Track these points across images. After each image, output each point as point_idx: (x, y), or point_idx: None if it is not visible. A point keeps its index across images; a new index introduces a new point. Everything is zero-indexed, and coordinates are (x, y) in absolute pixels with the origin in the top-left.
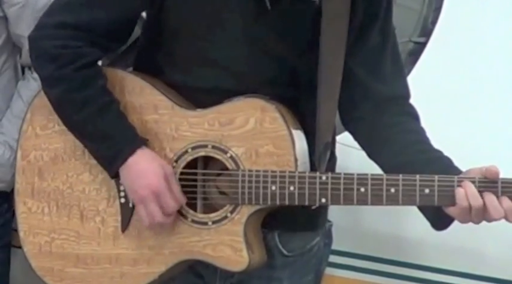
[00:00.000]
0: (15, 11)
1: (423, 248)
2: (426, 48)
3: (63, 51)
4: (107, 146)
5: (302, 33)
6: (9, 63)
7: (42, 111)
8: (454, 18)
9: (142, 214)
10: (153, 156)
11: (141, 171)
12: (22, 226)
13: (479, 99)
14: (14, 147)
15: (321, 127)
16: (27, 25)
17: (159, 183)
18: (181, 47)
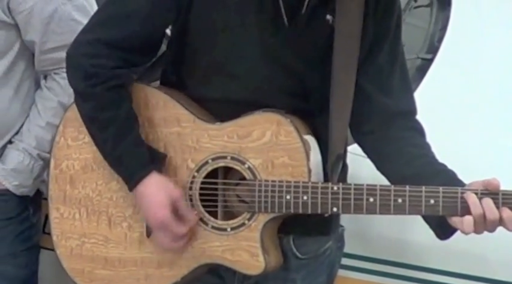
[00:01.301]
0: (24, 17)
1: (428, 251)
2: (433, 64)
3: (98, 70)
4: (120, 169)
5: (316, 49)
6: (29, 72)
7: (73, 123)
8: (459, 36)
9: (156, 236)
10: (160, 184)
11: (148, 203)
12: (55, 230)
13: (483, 114)
14: (32, 154)
15: (334, 139)
16: (36, 31)
17: (164, 216)
18: (202, 61)
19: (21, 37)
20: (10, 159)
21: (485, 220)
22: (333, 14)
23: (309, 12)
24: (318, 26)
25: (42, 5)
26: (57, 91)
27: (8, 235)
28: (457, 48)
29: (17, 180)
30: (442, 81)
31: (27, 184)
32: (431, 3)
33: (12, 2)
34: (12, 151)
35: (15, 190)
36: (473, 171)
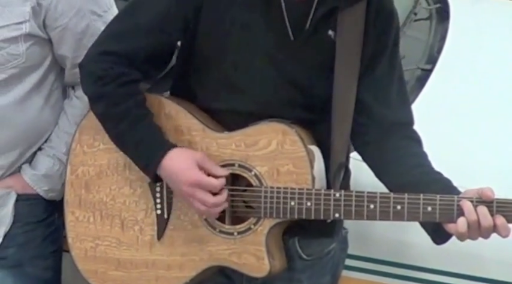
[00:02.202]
0: (57, 33)
1: (429, 252)
2: (432, 75)
3: (107, 72)
4: (141, 153)
5: (319, 62)
6: (58, 83)
7: (89, 131)
8: (457, 47)
9: (196, 206)
10: (182, 153)
11: (176, 171)
12: (70, 233)
13: (481, 122)
14: (62, 159)
15: (335, 149)
16: (68, 46)
17: (195, 175)
18: (211, 73)
19: (53, 51)
20: (41, 164)
21: (479, 226)
22: (334, 29)
23: (313, 27)
24: (320, 40)
25: (76, 22)
26: (85, 100)
27: (36, 237)
28: (455, 59)
29: (47, 185)
30: (441, 91)
31: (56, 189)
32: (431, 16)
33: (48, 19)
34: (43, 157)
35: (45, 195)
36: (470, 178)
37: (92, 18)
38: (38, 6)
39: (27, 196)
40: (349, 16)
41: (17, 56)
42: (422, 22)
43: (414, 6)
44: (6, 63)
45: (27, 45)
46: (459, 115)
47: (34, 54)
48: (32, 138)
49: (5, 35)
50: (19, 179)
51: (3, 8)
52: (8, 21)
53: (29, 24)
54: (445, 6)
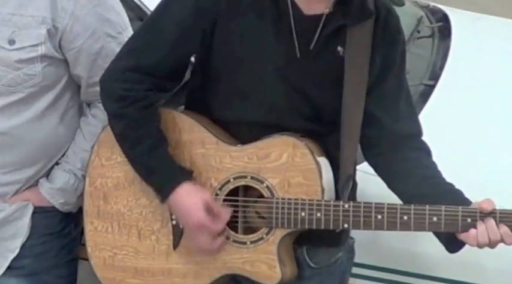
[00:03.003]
0: (73, 54)
1: (435, 261)
2: (435, 90)
3: (129, 93)
4: (154, 181)
5: (328, 77)
6: (74, 101)
7: (107, 144)
8: (459, 64)
9: (195, 244)
10: (192, 190)
11: (186, 206)
12: (89, 242)
13: (482, 135)
14: (77, 174)
15: (344, 161)
16: (83, 67)
17: (200, 217)
18: (223, 85)
19: (69, 71)
20: (57, 179)
21: (489, 240)
22: (343, 45)
23: (321, 43)
24: (329, 56)
25: (90, 43)
26: (101, 117)
27: (53, 248)
28: (457, 75)
29: (62, 198)
30: (444, 106)
31: (72, 202)
32: (433, 34)
33: (63, 41)
34: (59, 172)
35: (60, 208)
36: (472, 188)
37: (106, 40)
38: (53, 29)
39: (43, 208)
40: (357, 33)
41: (34, 76)
42: (425, 40)
43: (417, 25)
44: (24, 83)
45: (43, 65)
46: (461, 128)
47: (50, 74)
48: (48, 154)
49: (22, 56)
50: (36, 192)
51: (19, 30)
52: (25, 43)
53: (44, 46)
54: (446, 24)
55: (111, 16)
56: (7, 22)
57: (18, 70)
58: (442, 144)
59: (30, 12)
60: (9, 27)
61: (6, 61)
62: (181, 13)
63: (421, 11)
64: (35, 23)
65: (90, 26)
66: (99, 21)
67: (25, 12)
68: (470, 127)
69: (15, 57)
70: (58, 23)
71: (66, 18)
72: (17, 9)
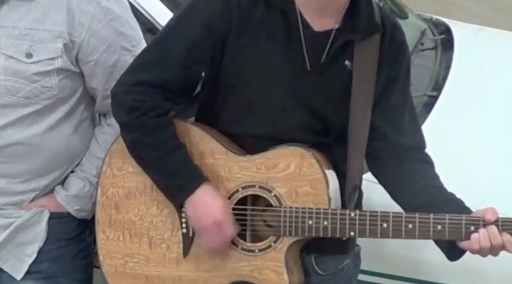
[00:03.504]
0: (89, 67)
1: (438, 268)
2: (438, 101)
3: (141, 104)
4: (175, 181)
5: (336, 90)
6: (88, 111)
7: (118, 155)
8: (461, 75)
9: (204, 240)
10: (213, 192)
11: (206, 204)
12: (101, 250)
13: (483, 144)
14: (92, 182)
15: (351, 171)
16: (99, 79)
17: (222, 216)
18: (234, 99)
19: (84, 83)
20: (72, 186)
21: (491, 246)
22: (351, 59)
23: (330, 58)
24: (337, 70)
25: (106, 56)
26: (116, 127)
27: (69, 253)
28: (459, 86)
29: (78, 205)
30: (447, 116)
31: (87, 208)
32: (436, 47)
33: (80, 54)
34: (74, 179)
35: (76, 214)
36: (475, 197)
37: (121, 53)
38: (70, 43)
39: (59, 214)
40: (364, 47)
41: (50, 88)
42: (428, 52)
43: (421, 37)
44: (40, 95)
45: (60, 78)
46: (464, 138)
47: (66, 86)
48: (63, 163)
49: (39, 69)
50: (52, 199)
51: (36, 44)
52: (42, 57)
53: (61, 60)
54: (449, 36)
55: (126, 30)
56: (25, 36)
57: (35, 82)
58: (445, 153)
59: (47, 26)
60: (26, 41)
61: (23, 74)
62: (192, 29)
63: (425, 23)
64: (52, 37)
65: (106, 39)
66: (114, 34)
67: (42, 27)
68: (472, 137)
69: (33, 70)
70: (75, 37)
71: (83, 32)
72: (34, 23)
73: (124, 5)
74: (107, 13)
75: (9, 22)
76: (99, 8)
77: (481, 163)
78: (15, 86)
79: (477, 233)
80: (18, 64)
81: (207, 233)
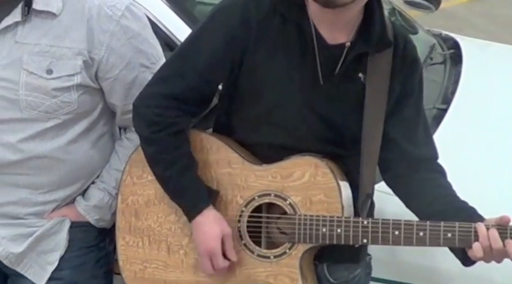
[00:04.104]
0: (109, 84)
1: (448, 276)
2: (447, 113)
3: (160, 118)
4: (182, 201)
5: (349, 102)
6: (108, 126)
7: (138, 164)
8: (469, 88)
9: (202, 262)
10: (216, 219)
11: (203, 232)
12: (121, 256)
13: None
14: (112, 193)
15: (363, 181)
16: (118, 95)
17: (215, 246)
18: (249, 112)
19: (105, 99)
20: (92, 196)
21: (491, 249)
22: (364, 72)
23: (343, 71)
24: (351, 82)
25: (125, 73)
26: (135, 141)
27: (90, 260)
28: (467, 99)
29: (97, 214)
30: (456, 128)
31: (106, 218)
32: (445, 61)
33: (100, 71)
34: (94, 190)
35: (95, 224)
36: (487, 206)
37: (140, 70)
38: (90, 60)
39: (80, 223)
40: (377, 60)
41: (70, 103)
42: (437, 66)
43: (430, 52)
44: (60, 110)
45: (79, 93)
46: (472, 149)
47: (85, 101)
48: (83, 175)
49: (59, 85)
50: (73, 209)
51: (57, 61)
52: (61, 73)
53: (80, 76)
54: (458, 51)
55: (145, 47)
56: (45, 53)
57: (55, 98)
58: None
59: (67, 44)
60: (47, 57)
61: (44, 89)
62: (211, 42)
63: (434, 39)
64: (72, 54)
65: (125, 57)
66: (134, 52)
67: (62, 44)
68: (481, 148)
69: (53, 86)
70: (95, 54)
71: (102, 50)
72: (55, 41)
73: (143, 23)
74: (126, 31)
75: (32, 39)
76: (119, 26)
77: (489, 173)
78: (36, 101)
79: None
80: (38, 80)
81: (202, 258)
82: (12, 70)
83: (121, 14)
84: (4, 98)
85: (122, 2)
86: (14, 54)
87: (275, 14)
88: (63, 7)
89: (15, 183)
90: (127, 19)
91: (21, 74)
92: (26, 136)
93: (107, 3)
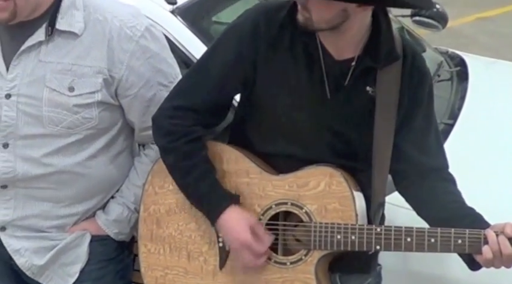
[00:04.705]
0: (128, 101)
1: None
2: (454, 128)
3: (176, 128)
4: (204, 205)
5: (358, 115)
6: (128, 142)
7: (159, 174)
8: (476, 104)
9: (239, 260)
10: (239, 213)
11: (232, 228)
12: (143, 263)
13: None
14: (130, 207)
15: (375, 191)
16: (137, 112)
17: (246, 237)
18: (265, 123)
19: (124, 116)
20: (112, 211)
21: (501, 254)
22: (372, 85)
23: (351, 85)
24: (359, 96)
25: (144, 91)
26: (153, 157)
27: (109, 273)
28: (474, 115)
29: (117, 228)
30: (462, 142)
31: (125, 232)
32: (452, 78)
33: (120, 89)
34: (114, 205)
35: (115, 237)
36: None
37: (158, 88)
38: (110, 78)
39: (100, 236)
40: (386, 74)
41: (91, 119)
42: (444, 83)
43: (438, 69)
44: (82, 126)
45: (100, 110)
46: (478, 163)
47: (106, 118)
48: (103, 190)
49: (80, 101)
50: (93, 223)
51: (78, 79)
52: (83, 91)
53: (100, 93)
54: (464, 68)
55: (164, 67)
56: (67, 71)
57: (76, 114)
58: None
59: (89, 62)
60: (69, 76)
61: (66, 106)
62: (225, 57)
63: (441, 56)
64: (92, 73)
65: (144, 76)
66: (152, 71)
67: (83, 63)
68: (486, 161)
69: (74, 103)
70: (115, 73)
71: (122, 69)
72: (76, 59)
73: (162, 43)
74: (145, 51)
75: (54, 58)
76: (138, 46)
77: (495, 182)
78: (58, 117)
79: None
80: (61, 96)
81: (240, 255)
82: (35, 87)
83: (140, 35)
84: (28, 114)
85: (142, 23)
86: (38, 72)
87: (284, 31)
88: (85, 27)
89: (38, 196)
90: (146, 39)
91: (44, 91)
92: (49, 151)
93: (127, 24)
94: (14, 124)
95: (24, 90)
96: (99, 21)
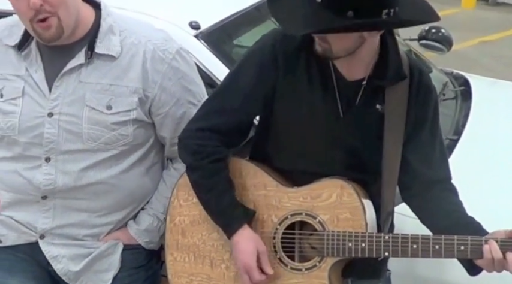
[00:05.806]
0: (160, 118)
1: None
2: (458, 144)
3: (202, 148)
4: (221, 221)
5: (369, 132)
6: (159, 157)
7: (184, 188)
8: (479, 122)
9: (241, 278)
10: (250, 237)
11: (239, 249)
12: (170, 271)
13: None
14: (160, 218)
15: (385, 201)
16: (168, 129)
17: (250, 262)
18: (283, 141)
19: (156, 132)
20: (143, 221)
21: (493, 260)
22: (381, 103)
23: (362, 104)
24: (370, 114)
25: (175, 110)
26: (181, 170)
27: (139, 279)
28: (477, 131)
29: (147, 238)
30: (466, 157)
31: (155, 241)
32: (456, 97)
33: (153, 107)
34: (145, 216)
35: (145, 246)
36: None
37: (188, 107)
38: (144, 97)
39: (131, 246)
40: (394, 92)
41: (126, 136)
42: (449, 101)
43: (443, 89)
44: (118, 142)
45: (135, 127)
46: (481, 177)
47: (140, 134)
48: (135, 200)
49: (117, 119)
50: (125, 233)
51: (115, 98)
52: (120, 109)
53: (136, 112)
54: (468, 88)
55: (193, 87)
56: (106, 91)
57: (113, 131)
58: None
59: (125, 83)
60: (107, 95)
61: (104, 123)
62: (246, 80)
63: (446, 77)
64: (129, 92)
65: (175, 95)
66: (183, 91)
67: (121, 83)
68: (489, 176)
69: (112, 120)
70: (149, 92)
71: (155, 88)
72: (114, 80)
73: (191, 65)
74: (176, 72)
75: (94, 79)
76: (170, 67)
77: (496, 194)
78: (97, 134)
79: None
80: (99, 115)
81: (241, 274)
82: (76, 106)
83: (172, 57)
84: (69, 131)
85: (173, 46)
86: (78, 92)
87: (300, 54)
88: (122, 50)
89: (75, 206)
90: (177, 61)
91: (84, 110)
92: (87, 165)
93: (160, 47)
94: (55, 140)
95: (65, 109)
96: (135, 44)
